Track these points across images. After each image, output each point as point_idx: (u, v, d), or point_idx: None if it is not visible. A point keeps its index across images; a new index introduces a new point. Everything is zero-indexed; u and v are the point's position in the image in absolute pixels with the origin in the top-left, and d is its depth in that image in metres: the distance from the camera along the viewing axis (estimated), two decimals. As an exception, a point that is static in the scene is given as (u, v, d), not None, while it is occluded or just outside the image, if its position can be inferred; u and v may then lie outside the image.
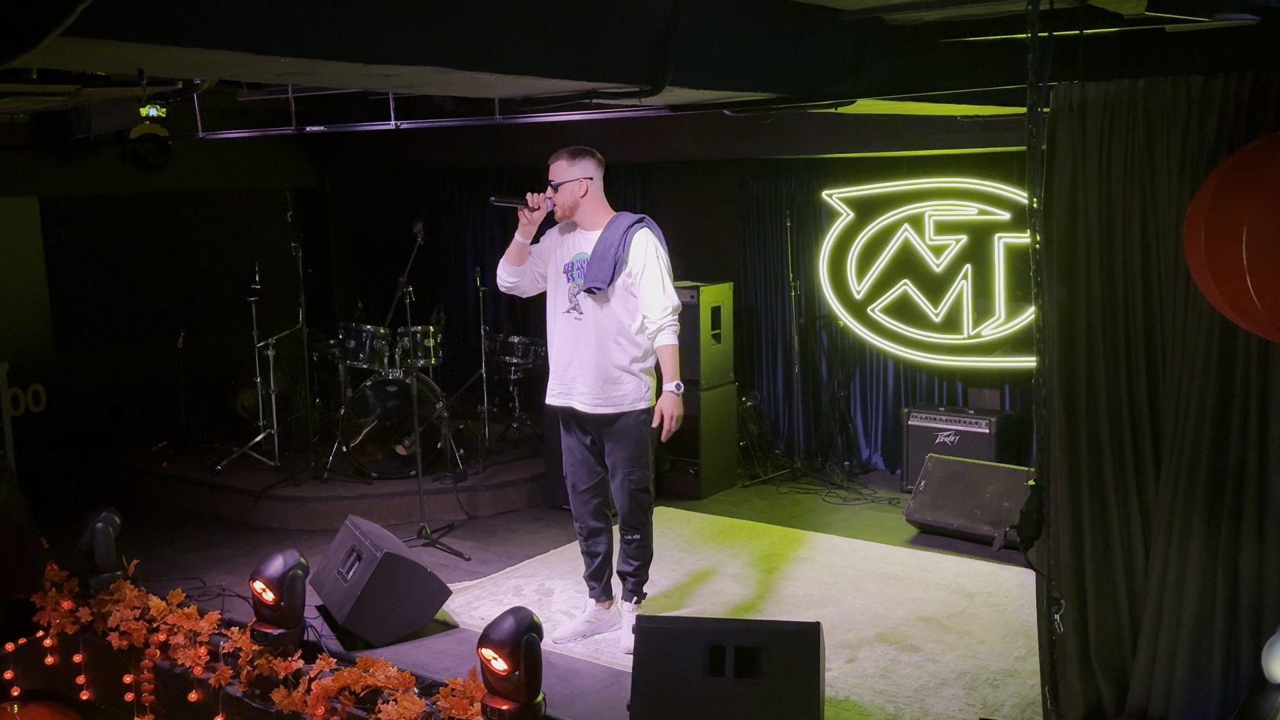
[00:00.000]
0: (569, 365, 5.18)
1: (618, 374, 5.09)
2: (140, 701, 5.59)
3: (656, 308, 5.03)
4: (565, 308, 5.18)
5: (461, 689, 4.66)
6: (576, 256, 5.17)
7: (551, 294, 5.28)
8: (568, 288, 5.17)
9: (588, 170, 5.15)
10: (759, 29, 4.46)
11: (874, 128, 7.14)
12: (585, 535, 5.41)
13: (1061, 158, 3.95)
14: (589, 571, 5.48)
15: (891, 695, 4.82)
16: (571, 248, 5.21)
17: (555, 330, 5.26)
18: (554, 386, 5.28)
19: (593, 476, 5.31)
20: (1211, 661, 3.89)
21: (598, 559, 5.42)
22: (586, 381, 5.12)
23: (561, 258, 5.23)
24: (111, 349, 9.09)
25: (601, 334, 5.09)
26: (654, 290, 5.04)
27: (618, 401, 5.11)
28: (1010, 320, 7.44)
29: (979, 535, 6.56)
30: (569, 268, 5.19)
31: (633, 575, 5.37)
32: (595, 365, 5.09)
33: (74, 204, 8.86)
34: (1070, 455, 4.06)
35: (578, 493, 5.35)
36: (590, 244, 5.14)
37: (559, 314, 5.22)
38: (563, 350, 5.22)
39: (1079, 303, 3.99)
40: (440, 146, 9.29)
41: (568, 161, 5.13)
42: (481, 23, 3.46)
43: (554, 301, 5.26)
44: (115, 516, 6.03)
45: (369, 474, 7.58)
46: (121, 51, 2.87)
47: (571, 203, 5.15)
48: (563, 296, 5.20)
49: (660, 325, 5.04)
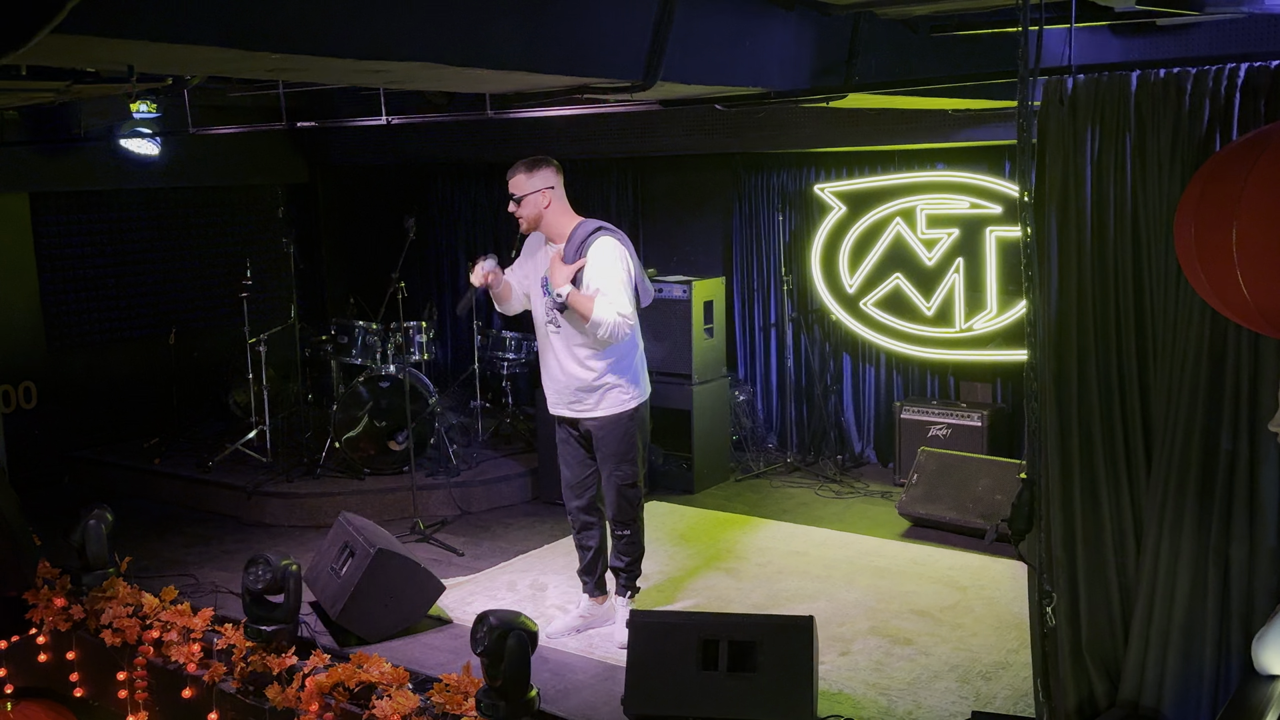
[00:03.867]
0: (554, 376, 5.25)
1: (595, 383, 5.15)
2: (134, 699, 5.58)
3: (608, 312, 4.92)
4: (545, 319, 5.23)
5: (456, 684, 4.66)
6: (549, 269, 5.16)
7: (534, 307, 5.35)
8: (545, 301, 5.20)
9: (548, 180, 5.10)
10: (750, 23, 4.46)
11: (865, 121, 7.16)
12: (577, 529, 5.46)
13: (1052, 151, 3.95)
14: (582, 566, 5.51)
15: (884, 688, 4.83)
16: (544, 261, 5.23)
17: (540, 339, 5.34)
18: (547, 393, 5.37)
19: (583, 471, 5.38)
20: (1203, 653, 3.91)
21: (590, 553, 5.46)
22: (570, 390, 5.21)
23: (538, 272, 5.26)
24: (103, 345, 9.07)
25: (576, 345, 5.13)
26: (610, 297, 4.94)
27: (602, 408, 5.18)
28: (1002, 314, 7.46)
29: (971, 528, 6.58)
30: (544, 281, 5.19)
31: (624, 570, 5.39)
32: (573, 375, 5.17)
33: (64, 200, 8.83)
34: (1062, 448, 4.06)
35: (569, 487, 5.43)
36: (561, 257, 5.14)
37: (542, 326, 5.28)
38: (547, 360, 5.29)
39: (1070, 296, 4.00)
40: (432, 142, 9.28)
41: (526, 174, 5.07)
42: (472, 18, 3.46)
43: (538, 315, 5.31)
44: (107, 513, 6.02)
45: (362, 470, 7.58)
46: (111, 48, 2.86)
47: (536, 215, 5.12)
48: (542, 310, 5.24)
49: (600, 320, 4.92)
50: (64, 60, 3.95)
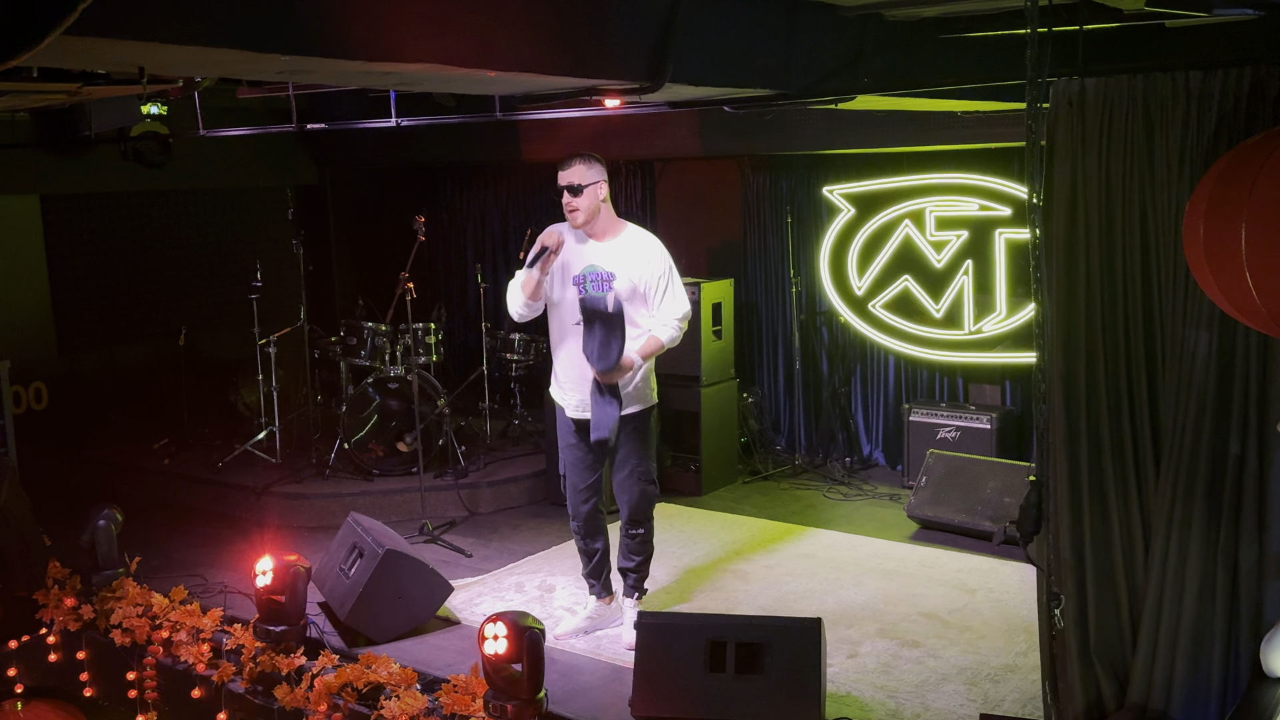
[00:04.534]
0: (577, 376, 5.12)
1: (624, 384, 5.07)
2: (143, 699, 5.60)
3: (677, 311, 5.09)
4: (575, 318, 5.06)
5: (464, 685, 4.68)
6: (588, 269, 5.09)
7: (559, 299, 5.18)
8: (579, 299, 5.06)
9: (602, 174, 5.06)
10: (758, 25, 4.46)
11: (874, 123, 7.15)
12: (582, 534, 5.41)
13: (1061, 153, 3.95)
14: (588, 569, 5.50)
15: (892, 690, 4.83)
16: (582, 258, 5.11)
17: (563, 336, 5.20)
18: (563, 392, 5.28)
19: (591, 475, 5.31)
20: (1211, 656, 3.90)
21: (595, 556, 5.44)
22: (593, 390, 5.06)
23: (570, 265, 5.13)
24: (113, 346, 9.10)
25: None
26: (675, 305, 5.09)
27: (628, 404, 5.09)
28: (1011, 316, 7.45)
29: (980, 531, 6.57)
30: (579, 279, 5.10)
31: (634, 571, 5.39)
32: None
33: (75, 202, 8.87)
34: (1070, 451, 4.06)
35: (576, 491, 5.35)
36: (602, 255, 5.09)
37: (569, 325, 5.13)
38: (571, 359, 5.14)
39: (1078, 298, 3.99)
40: (441, 143, 9.29)
41: (585, 165, 5.00)
42: (481, 20, 3.47)
43: (562, 308, 5.17)
44: (117, 514, 6.04)
45: (370, 471, 7.59)
46: (122, 50, 2.88)
47: (594, 206, 5.03)
48: (573, 307, 5.08)
49: (666, 322, 5.07)
50: (75, 62, 3.96)
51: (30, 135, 8.17)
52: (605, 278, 5.05)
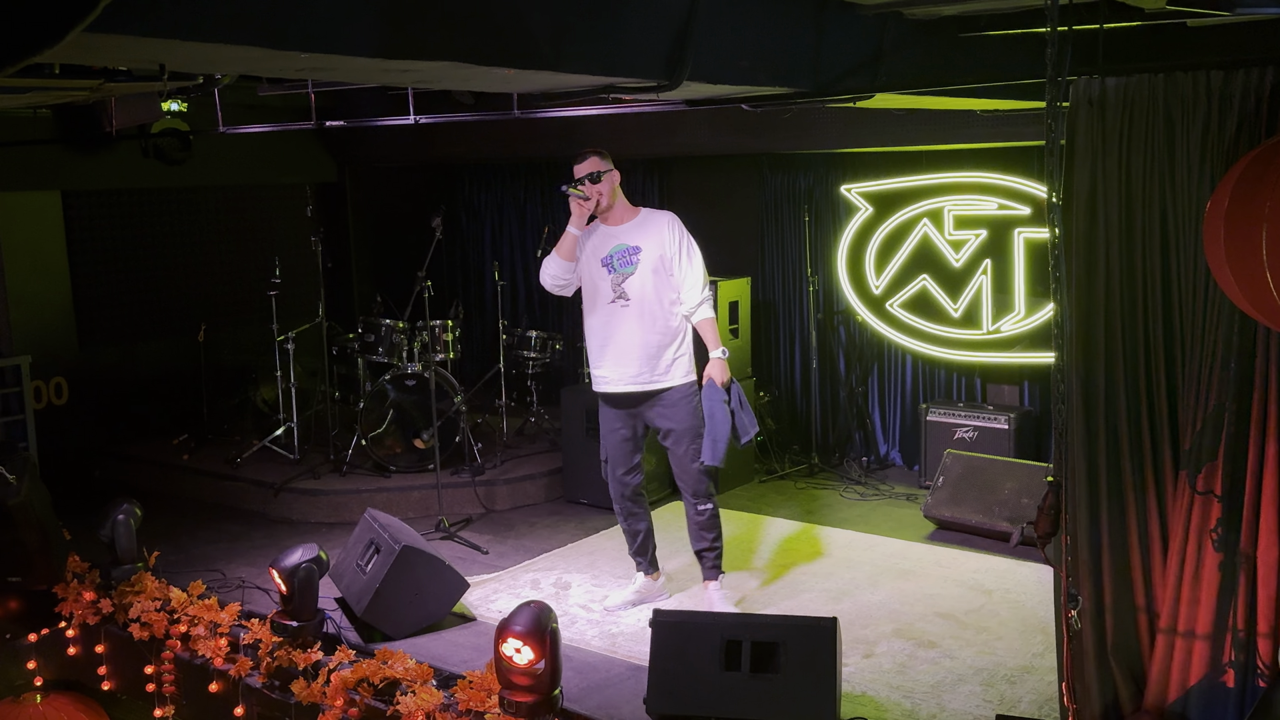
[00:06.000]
0: (624, 350, 5.41)
1: (666, 350, 5.40)
2: (161, 692, 5.63)
3: (698, 286, 5.43)
4: (611, 297, 5.44)
5: (479, 681, 4.68)
6: (615, 249, 5.44)
7: (591, 288, 5.52)
8: (611, 278, 5.43)
9: (612, 164, 5.47)
10: (777, 23, 4.45)
11: (893, 122, 7.13)
12: (625, 516, 5.66)
13: (1081, 153, 3.93)
14: (634, 548, 5.72)
15: (908, 691, 4.82)
16: (605, 242, 5.47)
17: (601, 320, 5.50)
18: (605, 373, 5.50)
19: (632, 458, 5.58)
20: (1229, 658, 3.88)
21: (640, 535, 5.68)
22: (638, 362, 5.40)
23: (597, 252, 5.47)
24: (133, 342, 9.16)
25: (651, 314, 5.39)
26: (695, 270, 5.44)
27: (674, 375, 5.42)
28: (1030, 316, 7.42)
29: (997, 531, 6.55)
30: (608, 260, 5.44)
31: (709, 550, 5.57)
32: (644, 345, 5.38)
33: (96, 198, 8.92)
34: (1089, 451, 4.04)
35: (617, 475, 5.60)
36: (626, 234, 5.46)
37: (603, 305, 5.46)
38: (611, 337, 5.45)
39: (1098, 298, 3.98)
40: (459, 141, 9.31)
41: (599, 157, 5.42)
42: (500, 18, 3.47)
43: (596, 294, 5.50)
44: (136, 508, 6.07)
45: (388, 467, 7.62)
46: (143, 46, 2.89)
47: (612, 190, 5.45)
48: (607, 287, 5.44)
49: (701, 300, 5.43)
50: (96, 58, 3.98)
51: (52, 131, 8.23)
52: (632, 251, 5.41)
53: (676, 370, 5.44)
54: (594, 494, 7.44)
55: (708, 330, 5.46)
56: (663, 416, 5.47)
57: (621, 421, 5.54)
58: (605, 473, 5.67)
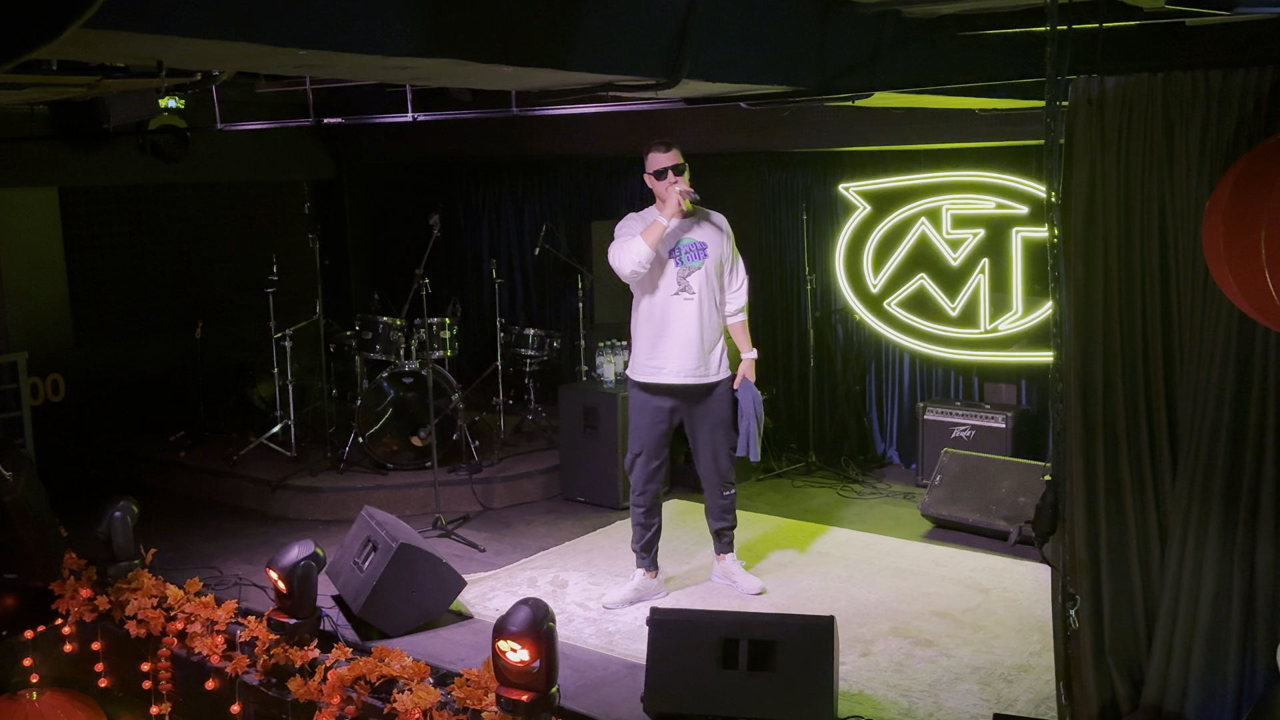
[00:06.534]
0: (682, 342, 5.56)
1: (718, 344, 5.65)
2: (157, 689, 5.63)
3: (745, 288, 5.79)
4: (675, 289, 5.57)
5: (476, 679, 4.68)
6: (684, 241, 5.58)
7: (654, 279, 5.58)
8: (676, 270, 5.56)
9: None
10: (776, 21, 4.45)
11: (891, 121, 7.12)
12: (645, 509, 5.74)
13: (1080, 152, 3.93)
14: (641, 543, 5.78)
15: (905, 689, 4.82)
16: (674, 233, 5.57)
17: (661, 312, 5.59)
18: (661, 364, 5.61)
19: (664, 450, 5.75)
20: (1227, 657, 3.88)
21: (651, 530, 5.77)
22: (696, 355, 5.57)
23: (664, 244, 5.56)
24: (130, 339, 9.15)
25: (709, 309, 5.59)
26: (743, 272, 5.79)
27: (720, 369, 5.66)
28: (1027, 315, 7.42)
29: (994, 530, 6.55)
30: (675, 251, 5.57)
31: (729, 528, 5.87)
32: (702, 339, 5.57)
33: (93, 195, 8.90)
34: (1087, 450, 4.04)
35: (648, 466, 5.70)
36: (692, 229, 5.62)
37: (667, 296, 5.57)
38: (670, 329, 5.57)
39: (1096, 297, 3.98)
40: (457, 139, 9.29)
41: (678, 148, 5.58)
42: (498, 15, 3.46)
43: (661, 285, 5.58)
44: (133, 505, 6.07)
45: (385, 465, 7.61)
46: (141, 43, 2.88)
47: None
48: (671, 279, 5.57)
49: (744, 303, 5.78)
50: (94, 54, 3.98)
51: (49, 128, 8.21)
52: (700, 246, 5.59)
53: (723, 366, 5.68)
54: (591, 492, 7.44)
55: (742, 332, 5.78)
56: (708, 410, 5.67)
57: (664, 414, 5.67)
58: (630, 465, 5.75)
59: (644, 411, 5.70)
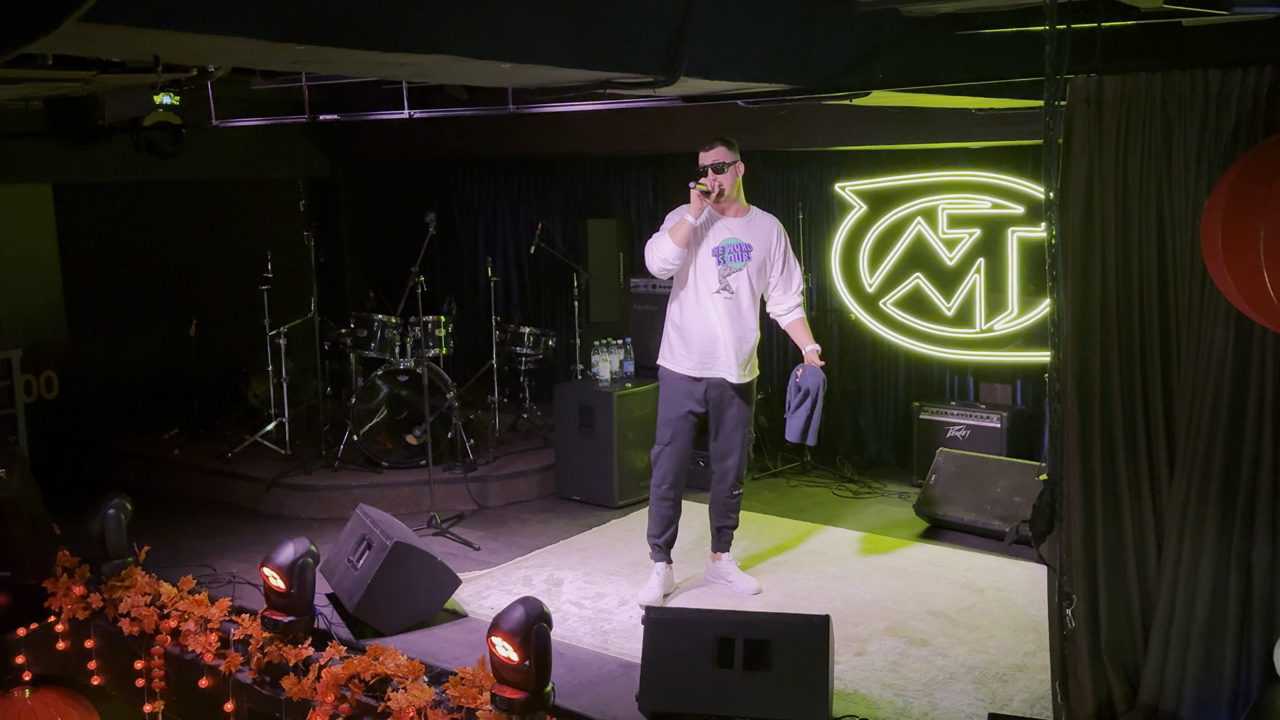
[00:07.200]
0: (718, 340, 5.58)
1: (753, 344, 5.67)
2: (151, 687, 5.61)
3: (799, 287, 5.77)
4: (716, 288, 5.58)
5: (471, 678, 4.67)
6: (727, 240, 5.58)
7: (696, 276, 5.62)
8: (718, 269, 5.57)
9: (738, 155, 5.59)
10: (774, 19, 4.44)
11: (888, 120, 7.12)
12: (671, 502, 5.78)
13: (1077, 151, 3.93)
14: (666, 536, 5.82)
15: (900, 689, 4.82)
16: (719, 232, 5.60)
17: (701, 309, 5.61)
18: (696, 359, 5.64)
19: (690, 444, 5.78)
20: (1223, 658, 3.88)
21: (675, 523, 5.83)
22: (731, 354, 5.58)
23: (710, 242, 5.59)
24: (124, 336, 9.13)
25: (747, 310, 5.62)
26: (798, 272, 5.79)
27: (749, 371, 5.69)
28: (1023, 315, 7.42)
29: (989, 530, 6.55)
30: (719, 251, 5.58)
31: (733, 526, 5.92)
32: (740, 339, 5.60)
33: (87, 191, 8.88)
34: (1083, 450, 4.04)
35: (680, 460, 5.74)
36: (738, 229, 5.62)
37: (708, 294, 5.59)
38: (711, 327, 5.59)
39: (1094, 296, 3.97)
40: (453, 136, 9.28)
41: (727, 148, 5.54)
42: (496, 11, 3.46)
43: (701, 282, 5.60)
44: (127, 503, 6.05)
45: (380, 463, 7.60)
46: (138, 38, 2.87)
47: (734, 183, 5.58)
48: (713, 277, 5.58)
49: (797, 300, 5.77)
50: (90, 49, 3.97)
51: (43, 124, 8.19)
52: (744, 248, 5.59)
53: (753, 366, 5.72)
54: (586, 491, 7.43)
55: (801, 328, 5.78)
56: (735, 408, 5.69)
57: (695, 407, 5.69)
58: (656, 455, 5.74)
59: (677, 404, 5.71)
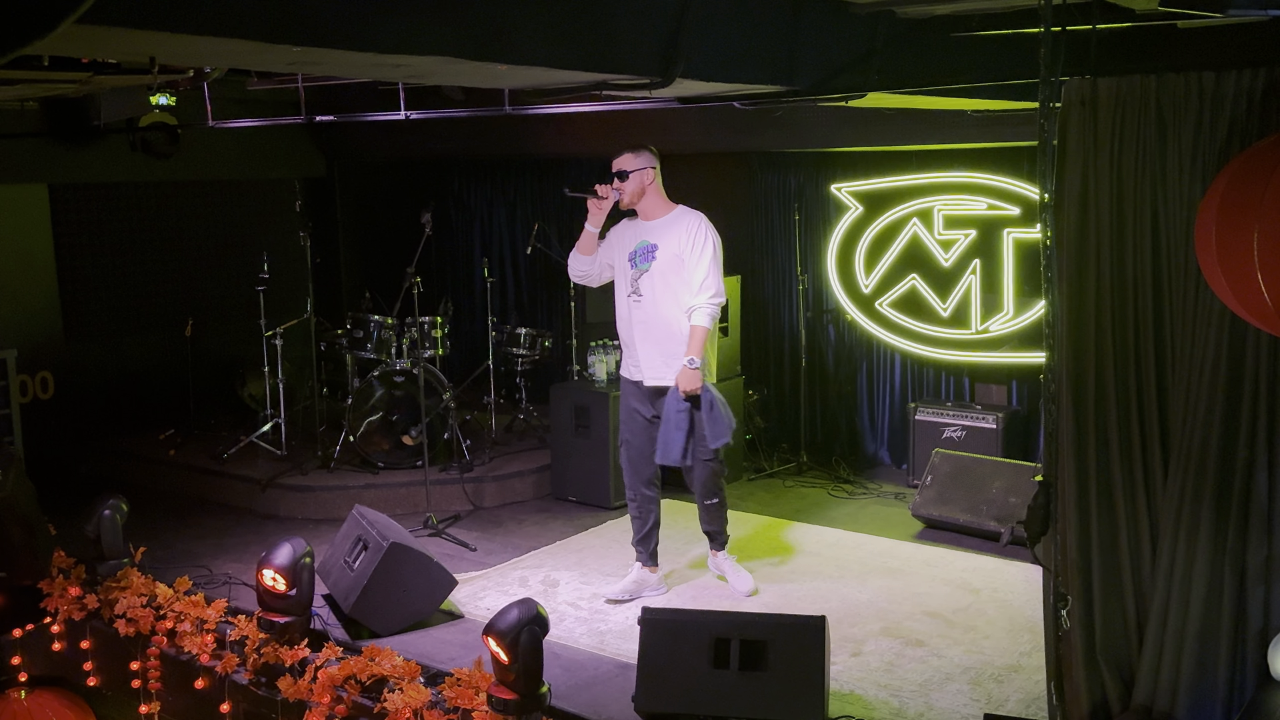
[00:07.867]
0: (633, 343, 5.68)
1: (676, 349, 5.52)
2: (146, 688, 5.61)
3: (697, 285, 5.50)
4: (628, 291, 5.69)
5: (467, 679, 4.67)
6: (639, 244, 5.64)
7: (618, 280, 5.78)
8: (630, 273, 5.66)
9: (650, 162, 5.63)
10: (769, 21, 4.45)
11: (884, 121, 7.13)
12: (638, 502, 5.80)
13: (1072, 153, 3.94)
14: (638, 537, 5.83)
15: (896, 689, 4.82)
16: (634, 236, 5.68)
17: (621, 314, 5.76)
18: (629, 362, 5.78)
19: (645, 446, 5.72)
20: (1218, 659, 3.89)
21: (648, 524, 5.81)
22: (650, 357, 5.62)
23: (625, 246, 5.70)
24: (120, 337, 9.12)
25: (664, 311, 5.57)
26: (700, 270, 5.51)
27: (694, 371, 5.49)
28: (1018, 316, 7.43)
29: (985, 531, 6.56)
30: (632, 255, 5.66)
31: (719, 533, 5.89)
32: (655, 342, 5.59)
33: (83, 192, 8.87)
34: (1078, 451, 4.05)
35: (635, 462, 5.77)
36: (651, 232, 5.63)
37: (623, 298, 5.73)
38: (626, 330, 5.72)
39: (1088, 298, 3.98)
40: (449, 137, 9.27)
41: (632, 154, 5.60)
42: (492, 13, 3.46)
43: (620, 287, 5.76)
44: (123, 504, 6.05)
45: (376, 464, 7.60)
46: (134, 39, 2.88)
47: (638, 189, 5.61)
48: (626, 282, 5.70)
49: (695, 306, 5.49)
50: (87, 50, 3.97)
51: (39, 124, 8.18)
52: (650, 249, 5.60)
53: (701, 369, 5.55)
54: (582, 491, 7.43)
55: (692, 336, 5.47)
56: (673, 412, 5.59)
57: (638, 408, 5.73)
58: (622, 458, 5.82)
59: (624, 404, 5.86)
